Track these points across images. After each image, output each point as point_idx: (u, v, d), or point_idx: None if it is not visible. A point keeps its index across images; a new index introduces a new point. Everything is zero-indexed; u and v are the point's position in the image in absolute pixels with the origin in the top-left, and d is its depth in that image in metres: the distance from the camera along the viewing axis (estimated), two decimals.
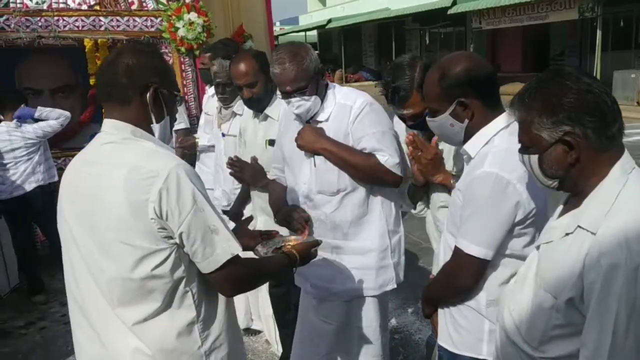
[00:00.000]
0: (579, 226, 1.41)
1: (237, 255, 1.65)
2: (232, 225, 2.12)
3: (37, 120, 4.67)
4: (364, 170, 2.43)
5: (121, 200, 1.56)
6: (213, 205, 1.65)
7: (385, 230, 2.55)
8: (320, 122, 2.52)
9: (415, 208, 2.56)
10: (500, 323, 1.65)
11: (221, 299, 1.75)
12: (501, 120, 1.88)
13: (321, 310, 2.64)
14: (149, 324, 1.63)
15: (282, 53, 2.43)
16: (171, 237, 1.59)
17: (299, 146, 2.50)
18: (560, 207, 1.59)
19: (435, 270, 2.16)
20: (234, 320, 1.82)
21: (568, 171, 1.46)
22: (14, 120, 4.61)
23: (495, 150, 1.82)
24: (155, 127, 1.74)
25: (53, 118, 4.66)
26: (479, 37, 22.79)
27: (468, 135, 1.91)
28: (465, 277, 1.86)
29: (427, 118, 2.00)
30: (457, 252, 1.85)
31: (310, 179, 2.54)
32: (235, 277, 1.68)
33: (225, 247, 1.63)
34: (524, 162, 1.55)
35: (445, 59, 1.95)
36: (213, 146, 4.18)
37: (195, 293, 1.67)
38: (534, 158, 1.49)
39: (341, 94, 2.53)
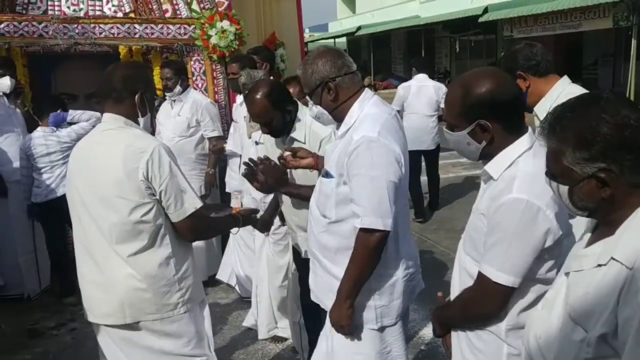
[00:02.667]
0: (612, 258, 1.33)
1: (198, 211, 2.35)
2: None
3: (71, 124, 4.77)
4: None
5: (119, 167, 2.25)
6: (183, 173, 2.36)
7: None
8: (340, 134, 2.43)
9: None
10: (525, 347, 1.59)
11: (187, 243, 2.46)
12: (524, 141, 1.82)
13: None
14: (138, 257, 2.30)
15: (307, 56, 2.44)
16: (154, 195, 2.28)
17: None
18: (589, 234, 1.52)
19: (453, 292, 2.06)
20: (194, 261, 2.50)
21: (600, 204, 1.39)
22: (50, 126, 4.71)
23: (522, 174, 1.75)
24: (140, 120, 2.45)
25: (84, 120, 4.75)
26: (510, 46, 22.49)
27: (487, 154, 1.85)
28: (489, 304, 1.80)
29: (444, 129, 1.94)
30: (482, 280, 1.78)
31: (316, 192, 2.48)
32: (195, 226, 2.38)
33: (191, 203, 2.34)
34: (552, 189, 1.48)
35: (471, 75, 1.87)
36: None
37: (171, 236, 2.36)
38: (564, 189, 1.43)
39: (363, 115, 2.29)
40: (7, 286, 4.82)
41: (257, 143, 3.81)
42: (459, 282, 1.95)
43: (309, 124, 2.97)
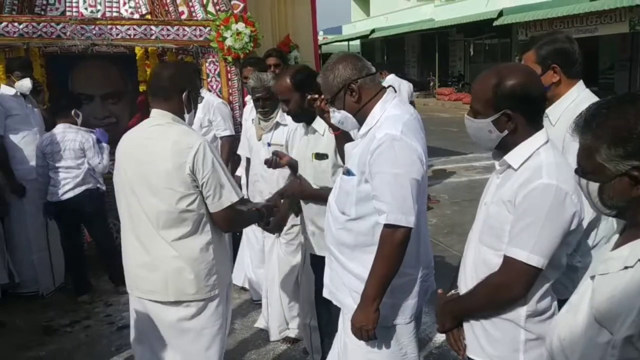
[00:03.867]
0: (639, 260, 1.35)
1: (234, 204, 2.57)
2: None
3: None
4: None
5: (168, 161, 2.46)
6: (224, 168, 2.56)
7: None
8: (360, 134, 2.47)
9: None
10: (549, 349, 1.62)
11: (221, 233, 2.69)
12: (542, 135, 1.92)
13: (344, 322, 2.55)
14: (182, 242, 2.54)
15: (326, 63, 2.46)
16: (197, 186, 2.50)
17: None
18: (616, 236, 1.53)
19: (464, 285, 2.08)
20: (227, 248, 2.82)
21: (630, 203, 1.41)
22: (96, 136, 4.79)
23: (547, 162, 1.85)
24: (186, 116, 2.65)
25: (103, 157, 4.81)
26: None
27: (504, 145, 1.94)
28: (519, 287, 1.86)
29: (465, 116, 1.99)
30: (511, 263, 1.84)
31: (335, 189, 2.50)
32: (229, 218, 2.61)
33: (228, 197, 2.54)
34: (580, 186, 1.51)
35: (506, 67, 1.96)
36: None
37: (210, 224, 2.59)
38: (594, 186, 1.45)
39: (385, 116, 2.33)
40: (22, 283, 4.88)
41: (269, 144, 3.83)
42: (474, 273, 1.99)
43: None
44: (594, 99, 2.41)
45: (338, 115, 2.42)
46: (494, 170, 2.05)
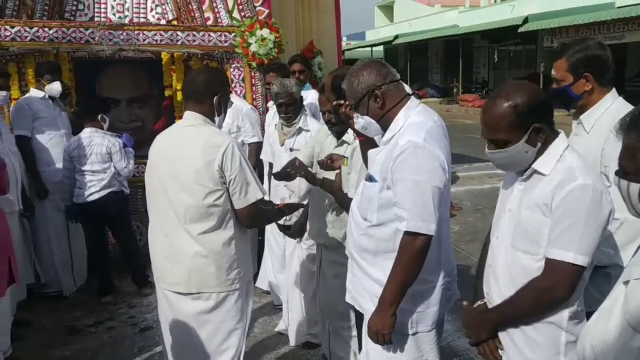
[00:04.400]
0: None
1: (258, 202, 2.71)
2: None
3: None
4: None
5: (199, 159, 2.60)
6: (251, 167, 2.71)
7: None
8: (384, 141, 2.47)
9: None
10: (580, 356, 1.61)
11: (245, 228, 2.80)
12: (563, 139, 1.97)
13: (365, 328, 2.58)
14: (206, 236, 2.66)
15: (351, 69, 2.46)
16: (225, 183, 2.63)
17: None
18: None
19: (497, 294, 2.06)
20: (249, 245, 2.92)
21: None
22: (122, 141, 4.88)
23: (577, 164, 1.88)
24: (216, 119, 2.80)
25: (130, 159, 4.89)
26: (550, 57, 22.19)
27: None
28: (564, 289, 1.88)
29: (489, 151, 1.98)
30: (556, 265, 1.86)
31: (358, 196, 2.52)
32: (253, 214, 2.73)
33: (252, 194, 2.68)
34: (619, 187, 1.51)
35: (510, 88, 1.96)
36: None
37: (234, 220, 2.71)
38: (635, 188, 1.46)
39: (409, 123, 2.34)
40: (47, 284, 4.96)
41: (291, 150, 3.85)
42: (511, 280, 1.98)
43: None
44: (629, 106, 2.38)
45: (362, 121, 2.42)
46: (508, 176, 2.09)
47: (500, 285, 2.03)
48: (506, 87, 1.98)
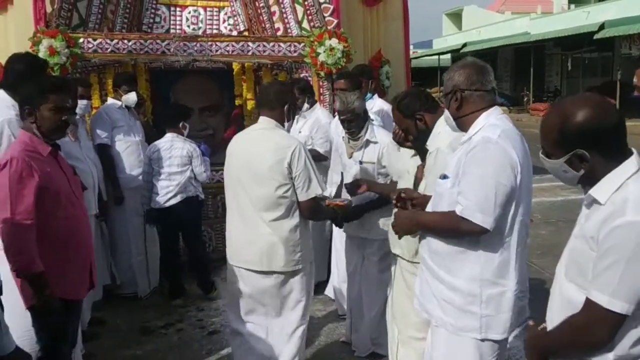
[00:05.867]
0: None
1: (317, 197, 3.20)
2: None
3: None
4: (443, 230, 2.40)
5: (271, 157, 3.11)
6: (314, 167, 3.18)
7: (478, 277, 2.33)
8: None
9: None
10: None
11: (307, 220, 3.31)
12: (632, 164, 1.74)
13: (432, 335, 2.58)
14: (276, 222, 3.16)
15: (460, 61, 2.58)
16: (292, 178, 3.12)
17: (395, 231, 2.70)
18: None
19: (550, 320, 1.97)
20: (310, 232, 3.37)
21: None
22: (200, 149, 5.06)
23: (634, 196, 1.68)
24: (285, 124, 3.29)
25: (207, 167, 5.05)
26: (627, 64, 21.16)
27: (587, 179, 1.79)
28: (599, 333, 1.70)
29: (540, 155, 1.90)
30: (592, 307, 1.70)
31: (433, 197, 2.57)
32: (312, 207, 3.22)
33: (313, 189, 3.16)
34: None
35: (569, 103, 1.81)
36: None
37: (299, 211, 3.20)
38: None
39: (488, 124, 2.35)
40: (122, 285, 5.16)
41: (360, 162, 3.85)
42: (560, 310, 1.87)
43: (438, 131, 2.96)
44: None
45: (446, 113, 2.52)
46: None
47: (552, 311, 1.93)
48: (570, 100, 1.83)
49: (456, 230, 2.30)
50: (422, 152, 3.05)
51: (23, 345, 2.23)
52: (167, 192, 4.89)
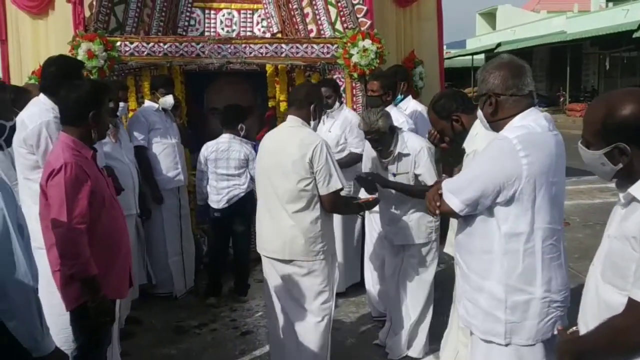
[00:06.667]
0: None
1: (338, 191, 3.34)
2: None
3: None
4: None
5: (296, 152, 3.30)
6: (335, 163, 3.35)
7: (502, 281, 2.30)
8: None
9: None
10: None
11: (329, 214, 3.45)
12: None
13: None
14: (299, 214, 3.33)
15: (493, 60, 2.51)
16: (313, 173, 3.28)
17: None
18: None
19: (584, 324, 1.90)
20: (332, 225, 3.55)
21: None
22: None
23: None
24: (312, 123, 3.50)
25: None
26: None
27: (628, 175, 1.75)
28: None
29: (579, 144, 1.87)
30: (635, 307, 1.65)
31: None
32: (333, 201, 3.37)
33: (334, 184, 3.31)
34: None
35: (617, 95, 1.79)
36: None
37: (320, 204, 3.35)
38: None
39: (519, 124, 2.32)
40: (158, 285, 5.23)
41: (394, 175, 3.81)
42: (596, 312, 1.82)
43: (475, 132, 2.95)
44: None
45: (480, 113, 2.44)
46: (618, 199, 1.85)
47: (586, 315, 1.88)
48: (619, 92, 1.80)
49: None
50: (458, 154, 3.01)
51: (58, 344, 2.27)
52: (222, 193, 4.98)
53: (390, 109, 4.40)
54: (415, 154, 3.73)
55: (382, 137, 3.73)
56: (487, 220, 2.30)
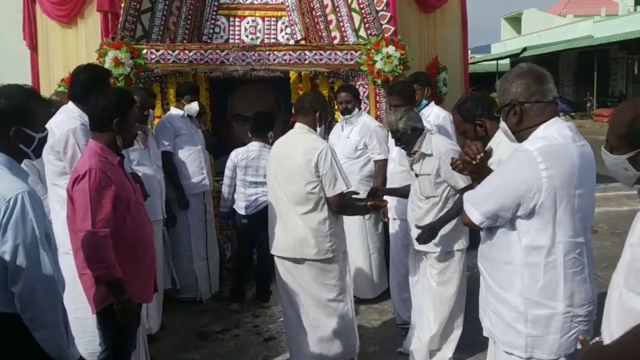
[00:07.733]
0: None
1: (343, 193, 3.49)
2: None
3: None
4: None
5: (301, 157, 3.45)
6: (340, 166, 3.52)
7: (522, 294, 2.28)
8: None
9: None
10: None
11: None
12: None
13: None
14: (307, 215, 3.48)
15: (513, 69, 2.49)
16: (319, 176, 3.43)
17: None
18: None
19: (608, 333, 1.86)
20: (341, 225, 3.65)
21: None
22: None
23: None
24: (318, 129, 3.65)
25: None
26: None
27: None
28: None
29: (602, 148, 1.85)
30: None
31: None
32: (339, 202, 3.49)
33: (339, 186, 3.45)
34: None
35: None
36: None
37: (327, 206, 3.49)
38: None
39: (542, 135, 2.27)
40: (182, 290, 5.27)
41: (417, 175, 3.79)
42: (621, 321, 1.80)
43: (499, 140, 2.93)
44: None
45: (503, 125, 2.39)
46: None
47: (611, 324, 1.86)
48: None
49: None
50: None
51: (82, 348, 2.32)
52: (250, 200, 5.03)
53: None
54: (439, 157, 3.69)
55: (404, 137, 3.74)
56: (509, 232, 2.27)
